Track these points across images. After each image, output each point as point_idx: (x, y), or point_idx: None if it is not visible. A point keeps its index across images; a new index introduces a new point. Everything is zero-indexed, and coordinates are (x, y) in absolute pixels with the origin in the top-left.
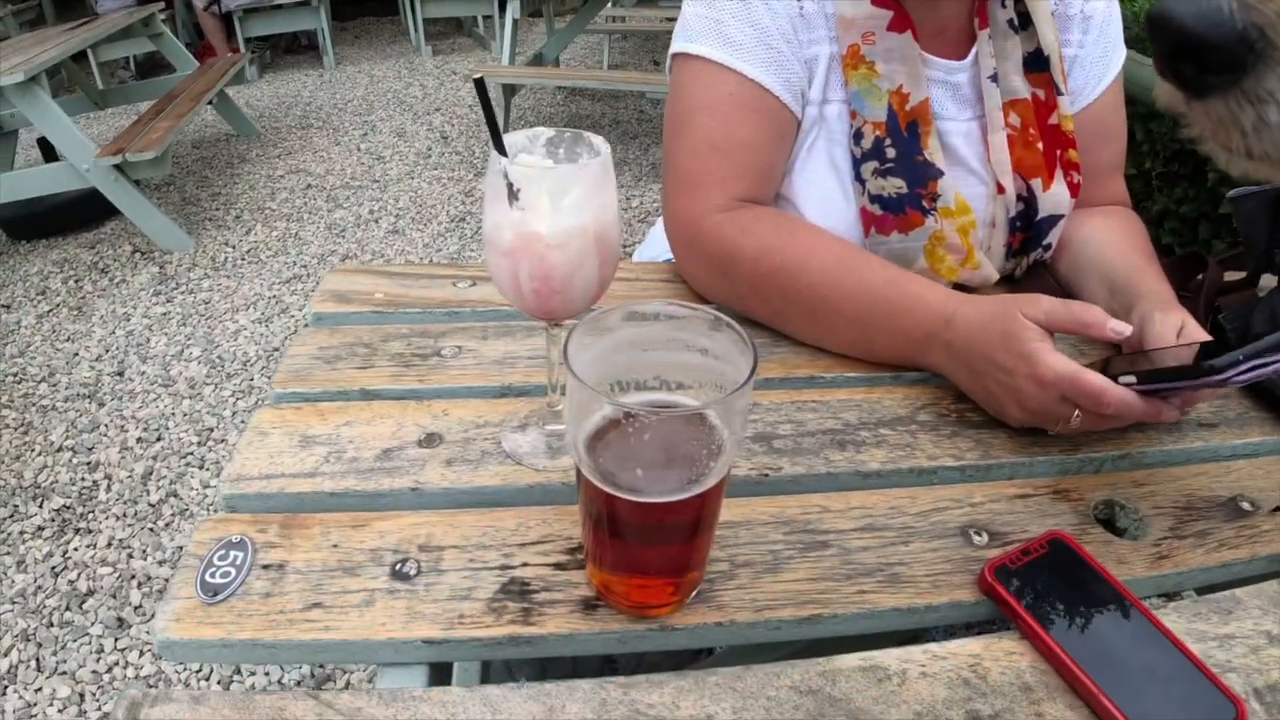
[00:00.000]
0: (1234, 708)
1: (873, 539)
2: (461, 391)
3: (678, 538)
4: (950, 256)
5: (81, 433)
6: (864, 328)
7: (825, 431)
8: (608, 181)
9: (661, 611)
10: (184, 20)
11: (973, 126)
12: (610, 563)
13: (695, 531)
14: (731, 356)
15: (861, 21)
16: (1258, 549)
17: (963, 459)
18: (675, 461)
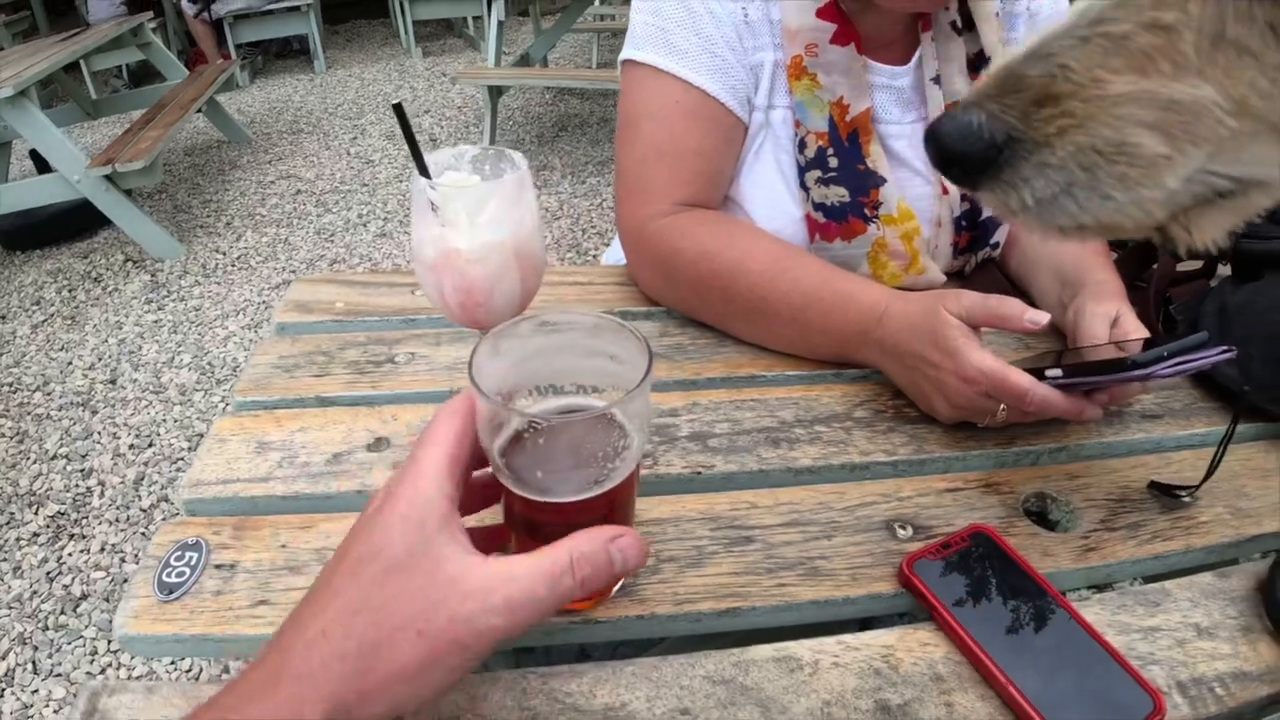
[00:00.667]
0: (1152, 701)
1: (797, 534)
2: (411, 397)
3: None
4: (893, 263)
5: (75, 440)
6: (800, 326)
7: (761, 429)
8: (525, 196)
9: (584, 606)
10: (175, 28)
11: (917, 129)
12: None
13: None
14: (635, 360)
15: (806, 33)
16: (1192, 540)
17: (895, 454)
18: (582, 462)
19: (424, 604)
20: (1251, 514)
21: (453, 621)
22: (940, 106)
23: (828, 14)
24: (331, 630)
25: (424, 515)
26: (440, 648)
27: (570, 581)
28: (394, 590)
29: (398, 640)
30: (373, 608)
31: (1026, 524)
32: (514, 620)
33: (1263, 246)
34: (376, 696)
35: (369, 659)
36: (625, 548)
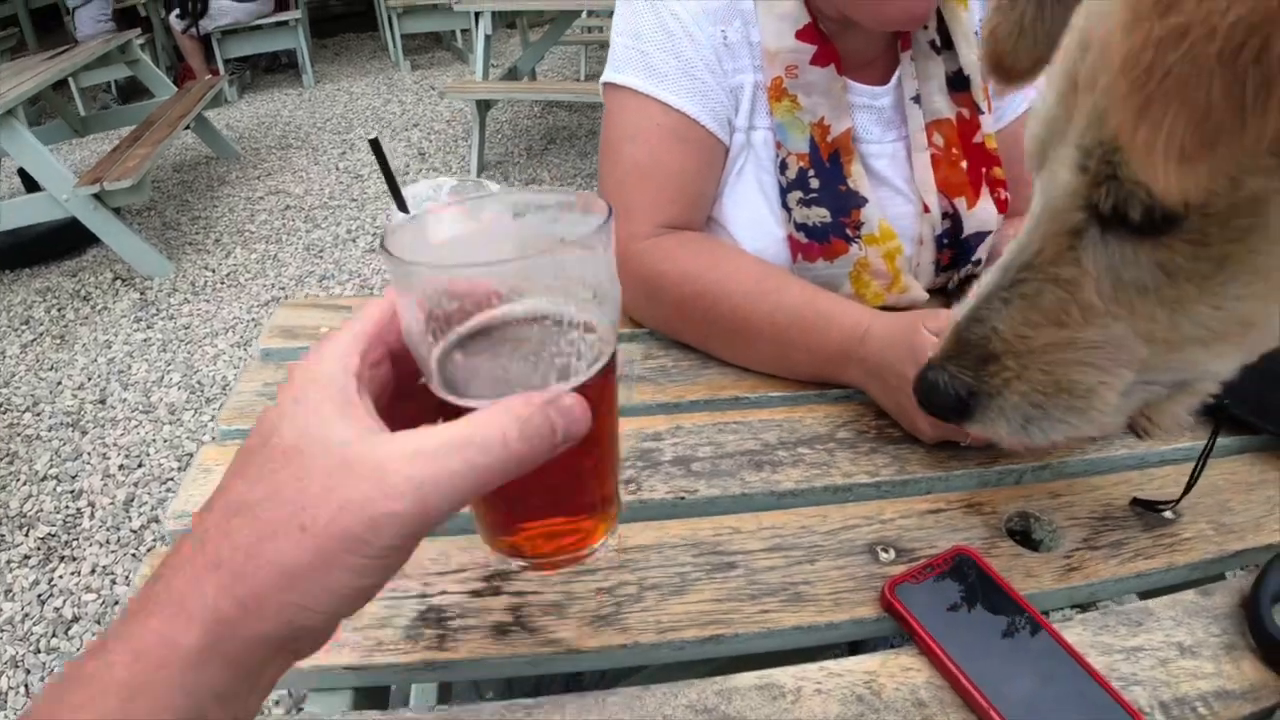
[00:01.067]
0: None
1: (780, 559)
2: None
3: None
4: (875, 282)
5: (65, 461)
6: (782, 347)
7: (744, 452)
8: None
9: (579, 547)
10: (163, 43)
11: (898, 148)
12: (503, 518)
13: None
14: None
15: (785, 55)
16: (1175, 558)
17: (878, 475)
18: (541, 362)
19: (309, 494)
20: (1235, 529)
21: (342, 510)
22: (920, 126)
23: (807, 35)
24: (209, 537)
25: (320, 396)
26: (329, 544)
27: (500, 453)
28: (277, 482)
29: (279, 539)
30: (251, 505)
31: (1009, 545)
32: (422, 504)
33: None
34: (261, 609)
35: (247, 565)
36: (567, 410)
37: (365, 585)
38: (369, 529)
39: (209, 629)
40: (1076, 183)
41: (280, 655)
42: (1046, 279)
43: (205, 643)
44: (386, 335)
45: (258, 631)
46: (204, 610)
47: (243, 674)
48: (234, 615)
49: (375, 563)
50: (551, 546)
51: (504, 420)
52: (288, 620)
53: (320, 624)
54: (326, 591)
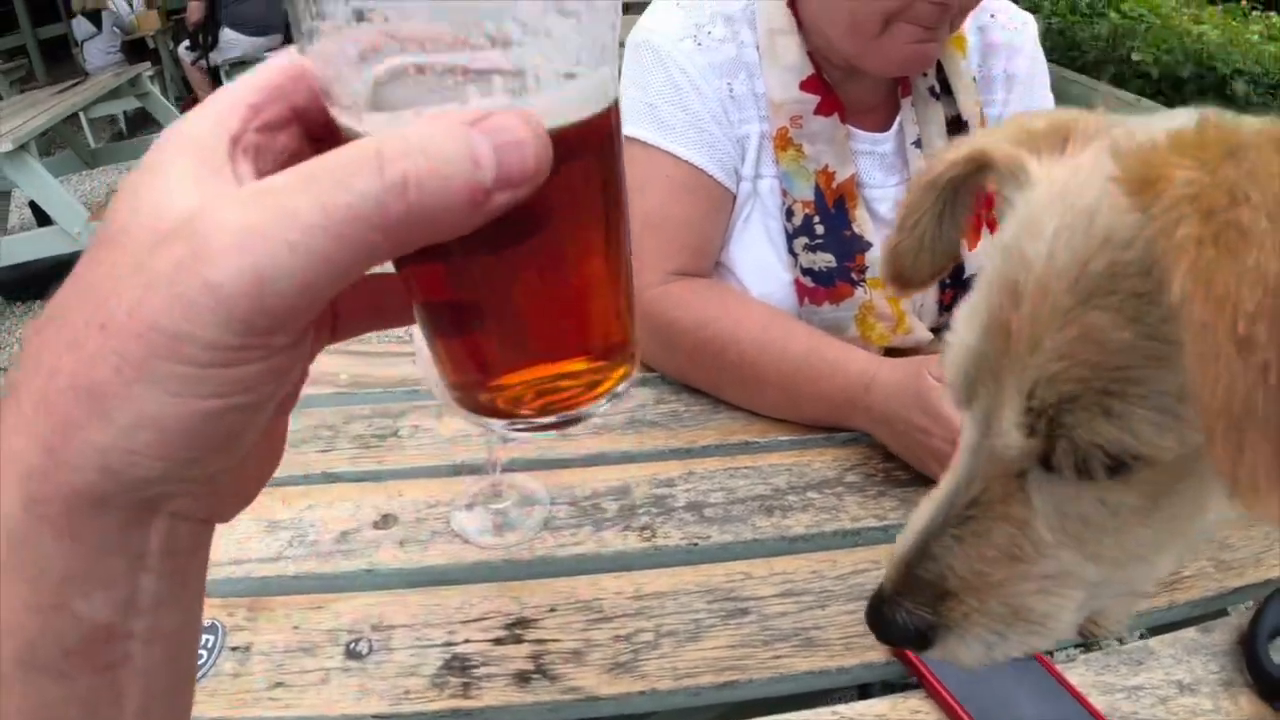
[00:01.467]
0: None
1: (792, 604)
2: (417, 471)
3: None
4: (880, 324)
5: None
6: (790, 394)
7: (755, 498)
8: None
9: (576, 399)
10: (172, 75)
11: (901, 191)
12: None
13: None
14: None
15: (790, 105)
16: (1176, 595)
17: (886, 519)
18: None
19: (116, 281)
20: (1235, 565)
21: (147, 291)
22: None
23: (811, 86)
24: (20, 363)
25: (177, 161)
26: (132, 346)
27: (371, 182)
28: (93, 275)
29: (79, 348)
30: (62, 308)
31: None
32: (253, 270)
33: None
34: (68, 452)
35: (49, 390)
36: (499, 129)
37: (201, 412)
38: (179, 313)
39: (21, 488)
40: (1024, 443)
41: (146, 522)
42: (997, 517)
43: (21, 507)
44: (295, 90)
45: (75, 486)
46: (10, 463)
47: (92, 548)
48: (42, 465)
49: (205, 374)
50: (535, 398)
51: (384, 138)
52: (107, 468)
53: (163, 475)
54: (145, 421)
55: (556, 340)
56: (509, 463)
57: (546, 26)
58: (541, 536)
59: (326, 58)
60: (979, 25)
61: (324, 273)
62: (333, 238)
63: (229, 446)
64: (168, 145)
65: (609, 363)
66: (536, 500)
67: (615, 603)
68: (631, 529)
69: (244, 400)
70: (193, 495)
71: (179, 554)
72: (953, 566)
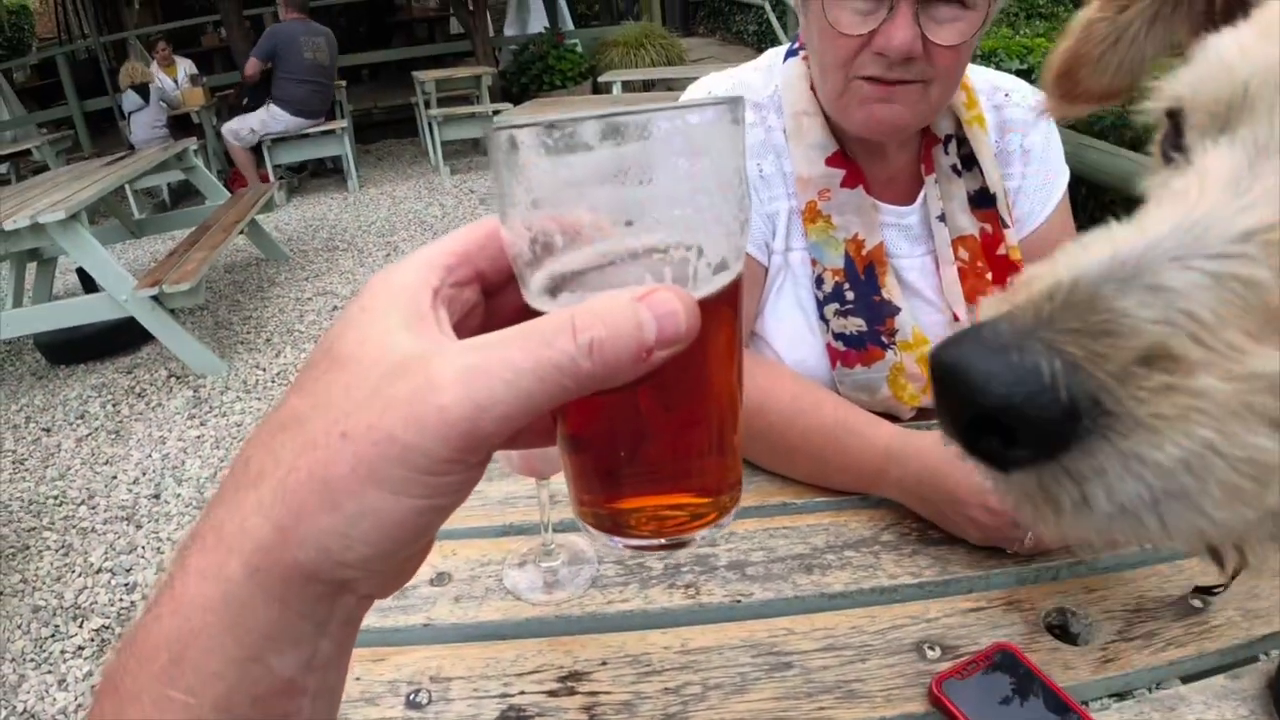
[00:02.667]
0: None
1: (833, 658)
2: (469, 532)
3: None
4: (911, 385)
5: (119, 554)
6: (820, 465)
7: (794, 556)
8: None
9: (682, 526)
10: (215, 149)
11: (926, 260)
12: (589, 468)
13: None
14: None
15: (817, 180)
16: (1205, 645)
17: (921, 576)
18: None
19: (355, 399)
20: (1262, 614)
21: (385, 410)
22: (946, 241)
23: (836, 161)
24: (252, 456)
25: (388, 304)
26: (369, 451)
27: (568, 344)
28: (329, 391)
29: (319, 449)
30: (299, 418)
31: (1048, 639)
32: (470, 399)
33: None
34: (298, 532)
35: (287, 481)
36: (658, 304)
37: (412, 509)
38: (412, 429)
39: (246, 558)
40: None
41: (338, 595)
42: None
43: (244, 574)
44: (479, 257)
45: (297, 560)
46: (241, 537)
47: (295, 613)
48: (271, 541)
49: (422, 479)
50: (648, 522)
51: (576, 311)
52: (326, 549)
53: (366, 559)
54: (366, 513)
55: (676, 475)
56: (559, 523)
57: (701, 221)
58: (590, 594)
59: (518, 234)
60: (995, 104)
61: (524, 407)
62: (536, 380)
63: (420, 538)
64: (381, 292)
65: (716, 498)
66: (585, 559)
67: (663, 657)
68: (676, 587)
69: (443, 502)
70: (378, 575)
71: (350, 623)
72: (1198, 316)
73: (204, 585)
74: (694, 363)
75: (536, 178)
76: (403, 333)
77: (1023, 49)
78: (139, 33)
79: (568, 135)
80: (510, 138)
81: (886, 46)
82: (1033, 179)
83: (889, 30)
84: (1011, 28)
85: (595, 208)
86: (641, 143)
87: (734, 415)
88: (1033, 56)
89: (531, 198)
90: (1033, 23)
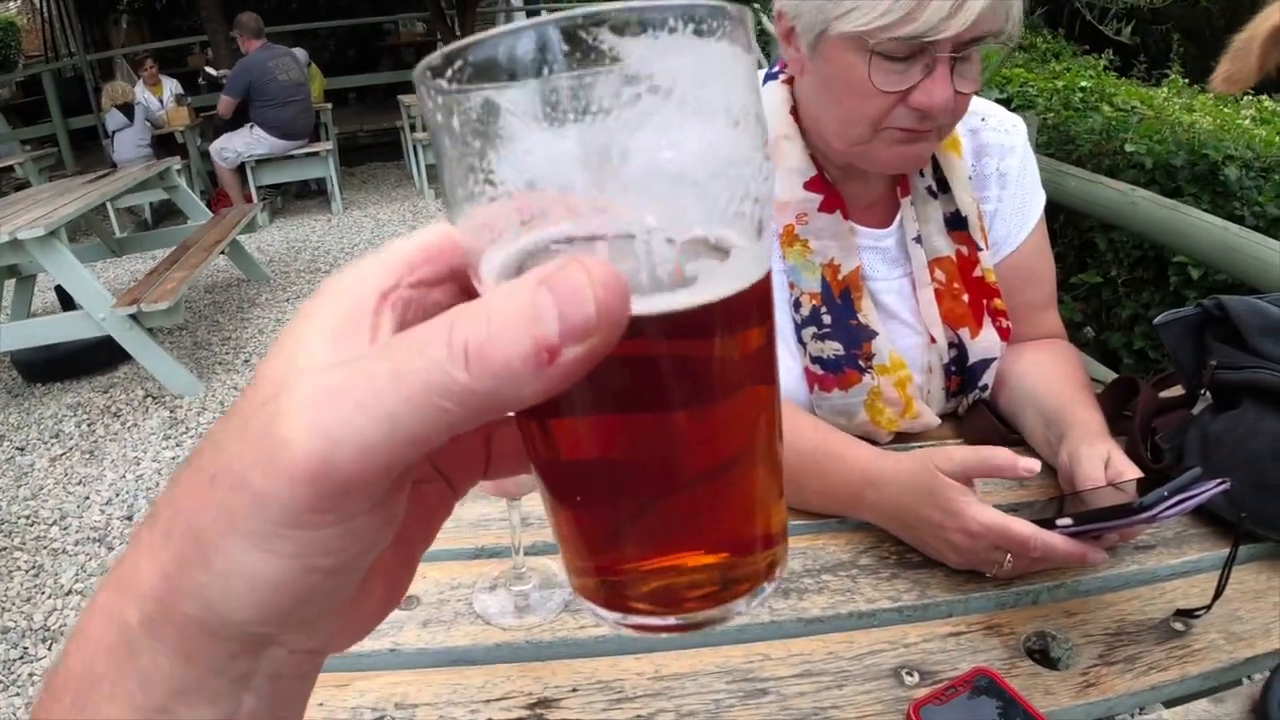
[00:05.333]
0: None
1: (809, 684)
2: (439, 554)
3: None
4: (889, 409)
5: (91, 576)
6: (797, 487)
7: None
8: None
9: (706, 601)
10: (199, 169)
11: (904, 283)
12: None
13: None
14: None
15: (795, 204)
16: (1188, 668)
17: (900, 600)
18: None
19: (231, 428)
20: (1244, 637)
21: (245, 448)
22: (923, 263)
23: (814, 186)
24: (164, 492)
25: (327, 312)
26: (230, 498)
27: (439, 350)
28: (228, 421)
29: (195, 494)
30: (198, 453)
31: (1028, 664)
32: (319, 428)
33: (1238, 376)
34: (179, 582)
35: (174, 524)
36: (561, 283)
37: (290, 569)
38: (259, 470)
39: (140, 604)
40: None
41: (259, 651)
42: None
43: (138, 620)
44: (455, 253)
45: (187, 615)
46: (136, 580)
47: (202, 668)
48: (159, 590)
49: (287, 534)
50: (653, 589)
51: (465, 306)
52: (210, 605)
53: (264, 620)
54: (235, 572)
55: (694, 525)
56: (531, 546)
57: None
58: (562, 618)
59: (474, 228)
60: (971, 129)
61: (388, 434)
62: (402, 401)
63: (318, 601)
64: (326, 295)
65: (745, 558)
66: (558, 583)
67: (636, 683)
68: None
69: (325, 562)
70: (299, 633)
71: (284, 679)
72: None
73: (106, 628)
74: (696, 374)
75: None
76: (316, 343)
77: (1003, 79)
78: (125, 51)
79: (574, 98)
80: (486, 101)
81: (929, 105)
82: (1009, 203)
83: (929, 89)
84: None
85: (587, 185)
86: (652, 98)
87: (770, 448)
88: (1011, 86)
89: (525, 179)
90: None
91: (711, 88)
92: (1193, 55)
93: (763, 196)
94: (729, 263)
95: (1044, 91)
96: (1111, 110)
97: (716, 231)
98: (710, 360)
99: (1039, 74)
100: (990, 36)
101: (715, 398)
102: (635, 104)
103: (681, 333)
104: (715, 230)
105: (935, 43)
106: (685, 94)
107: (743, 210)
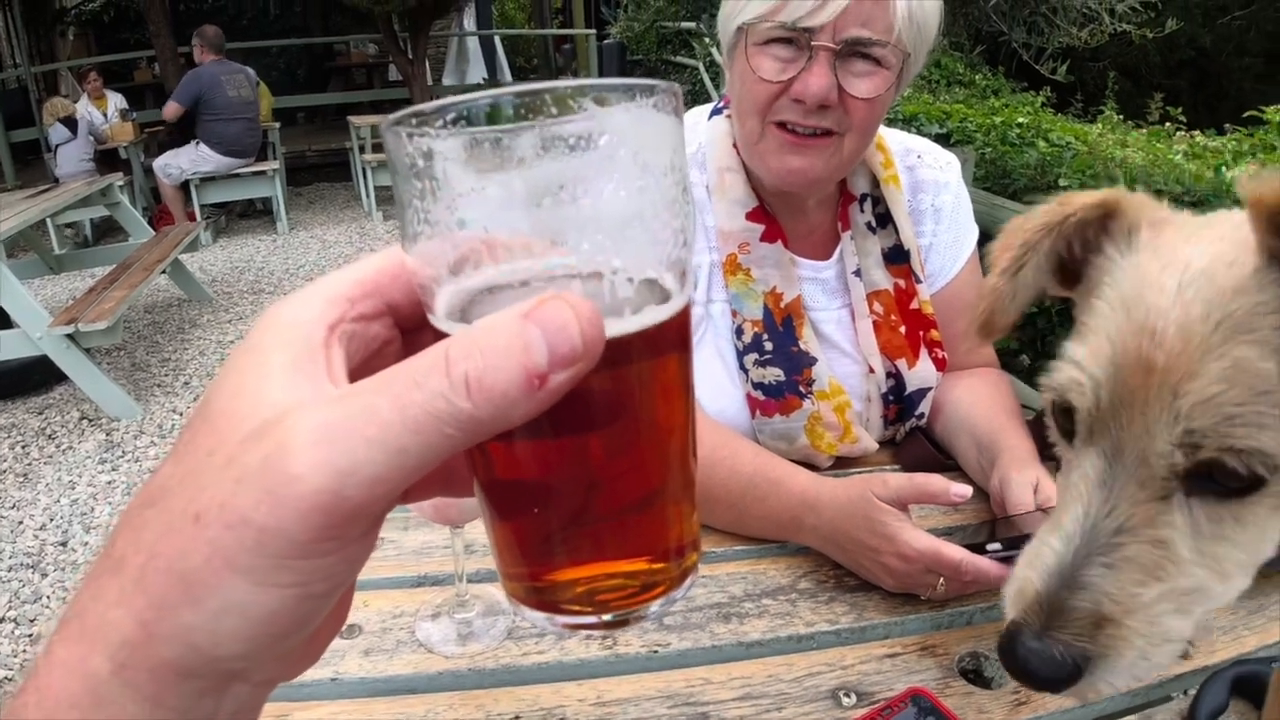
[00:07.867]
0: None
1: (750, 707)
2: (382, 582)
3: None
4: (829, 434)
5: (24, 604)
6: (738, 512)
7: (713, 605)
8: None
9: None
10: (142, 186)
11: (843, 314)
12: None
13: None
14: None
15: (738, 234)
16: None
17: (838, 623)
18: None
19: (211, 467)
20: None
21: (239, 485)
22: (862, 296)
23: (756, 216)
24: (121, 536)
25: (274, 344)
26: (223, 537)
27: (440, 382)
28: (194, 458)
29: (174, 535)
30: (165, 491)
31: (962, 684)
32: (331, 463)
33: None
34: (161, 629)
35: (147, 569)
36: (548, 318)
37: (284, 599)
38: (265, 507)
39: (112, 654)
40: (1179, 462)
41: (225, 687)
42: (1144, 541)
43: (109, 670)
44: (391, 288)
45: (164, 658)
46: (104, 629)
47: (170, 710)
48: (135, 637)
49: (289, 565)
50: (586, 594)
51: (454, 340)
52: (194, 645)
53: (245, 654)
54: (230, 608)
55: (619, 536)
56: (474, 573)
57: (626, 236)
58: (505, 646)
59: (427, 260)
60: (908, 165)
61: (400, 467)
62: (410, 433)
63: (304, 627)
64: (270, 329)
65: (668, 563)
66: (501, 610)
67: (578, 709)
68: (593, 637)
69: (322, 587)
70: (272, 663)
71: (242, 712)
72: (1109, 593)
73: (69, 680)
74: (633, 397)
75: (460, 195)
76: (280, 380)
77: (942, 114)
78: (71, 64)
79: (499, 147)
80: (426, 149)
81: (804, 92)
82: (944, 236)
83: (806, 77)
84: (932, 94)
85: (522, 226)
86: (581, 154)
87: (684, 465)
88: (951, 120)
89: (456, 217)
90: (953, 89)
91: (657, 154)
92: (1128, 92)
93: (677, 239)
94: (659, 298)
95: (982, 127)
96: (1047, 146)
97: (649, 273)
98: (639, 383)
99: (978, 109)
100: (881, 43)
101: (652, 414)
102: (565, 158)
103: (621, 358)
104: (650, 271)
105: (812, 32)
106: (610, 151)
107: (666, 254)
